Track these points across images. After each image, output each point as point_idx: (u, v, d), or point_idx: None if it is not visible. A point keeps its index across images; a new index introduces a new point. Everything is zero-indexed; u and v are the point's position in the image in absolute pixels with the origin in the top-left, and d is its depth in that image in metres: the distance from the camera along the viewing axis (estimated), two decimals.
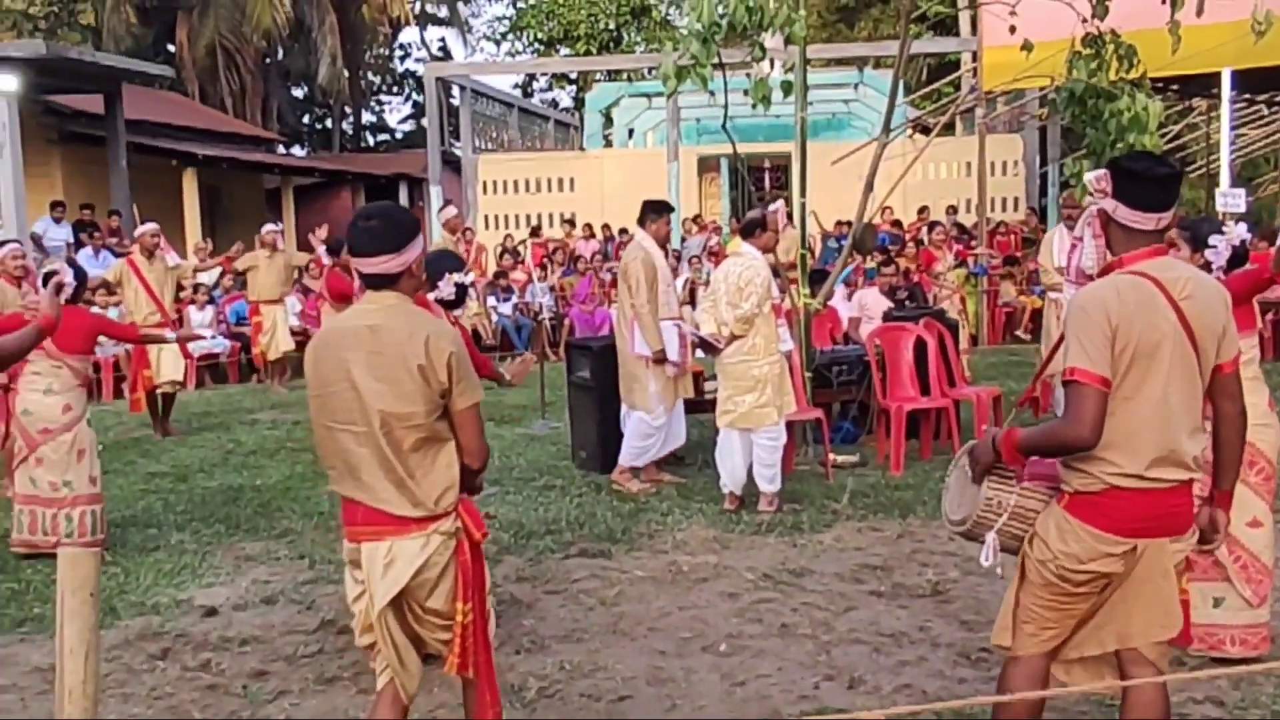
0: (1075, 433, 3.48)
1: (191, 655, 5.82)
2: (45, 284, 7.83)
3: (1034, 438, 3.70)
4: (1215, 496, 3.81)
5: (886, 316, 10.99)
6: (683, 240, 20.11)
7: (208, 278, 16.66)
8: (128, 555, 7.42)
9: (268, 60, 34.33)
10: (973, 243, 17.41)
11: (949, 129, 18.69)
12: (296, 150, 38.83)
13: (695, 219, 22.05)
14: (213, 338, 15.55)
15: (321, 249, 12.27)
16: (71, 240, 17.45)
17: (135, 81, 21.21)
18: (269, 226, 14.41)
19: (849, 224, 13.56)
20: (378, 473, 3.74)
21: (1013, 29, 9.24)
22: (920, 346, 9.53)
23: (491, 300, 17.37)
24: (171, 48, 32.97)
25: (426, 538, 3.75)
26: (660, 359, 8.54)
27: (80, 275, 7.93)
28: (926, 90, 21.13)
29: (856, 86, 24.98)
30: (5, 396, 8.82)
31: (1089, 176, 3.81)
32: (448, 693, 5.11)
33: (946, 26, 23.98)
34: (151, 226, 12.13)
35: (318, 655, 5.75)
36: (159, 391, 11.70)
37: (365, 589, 3.79)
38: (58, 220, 17.87)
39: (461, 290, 5.88)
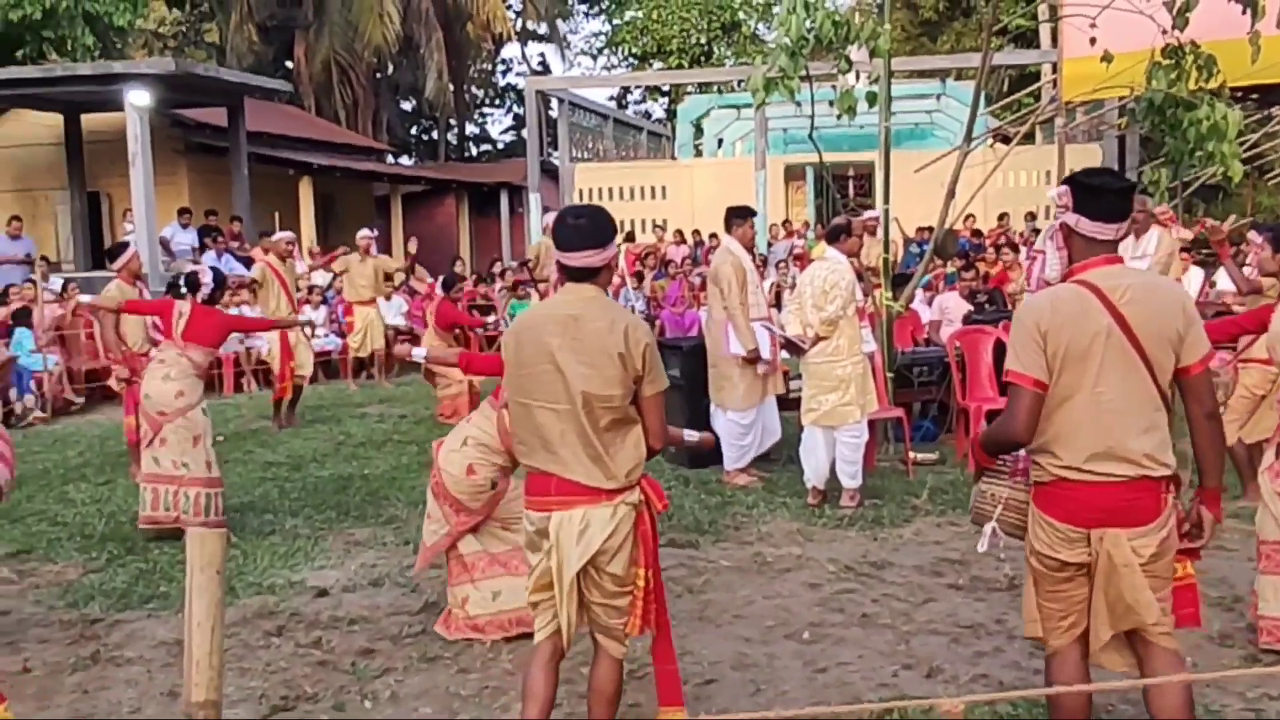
0: (1009, 429, 3.73)
1: (304, 633, 5.92)
2: (185, 284, 8.14)
3: (985, 434, 3.99)
4: (1201, 495, 3.84)
5: (966, 319, 10.86)
6: (769, 245, 20.04)
7: (321, 279, 16.96)
8: (246, 539, 7.55)
9: (378, 75, 34.78)
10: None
11: (1029, 138, 18.41)
12: (404, 160, 39.31)
13: (784, 224, 21.96)
14: (325, 335, 15.83)
15: (437, 283, 12.54)
16: (196, 244, 17.79)
17: (256, 96, 21.56)
18: (364, 232, 14.67)
19: (930, 230, 13.42)
20: (576, 447, 3.90)
21: (1093, 41, 9.06)
22: (999, 348, 9.40)
23: None
24: (290, 64, 33.51)
25: (615, 508, 3.93)
26: (754, 358, 8.52)
27: (219, 278, 8.21)
28: (1007, 101, 20.77)
29: (939, 97, 24.72)
30: (133, 389, 9.08)
31: (1050, 193, 3.96)
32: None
33: (1027, 39, 23.64)
34: (287, 235, 12.46)
35: (420, 635, 5.81)
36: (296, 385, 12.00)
37: (550, 554, 3.94)
38: (184, 225, 18.23)
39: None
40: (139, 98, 17.03)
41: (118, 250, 10.02)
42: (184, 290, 8.21)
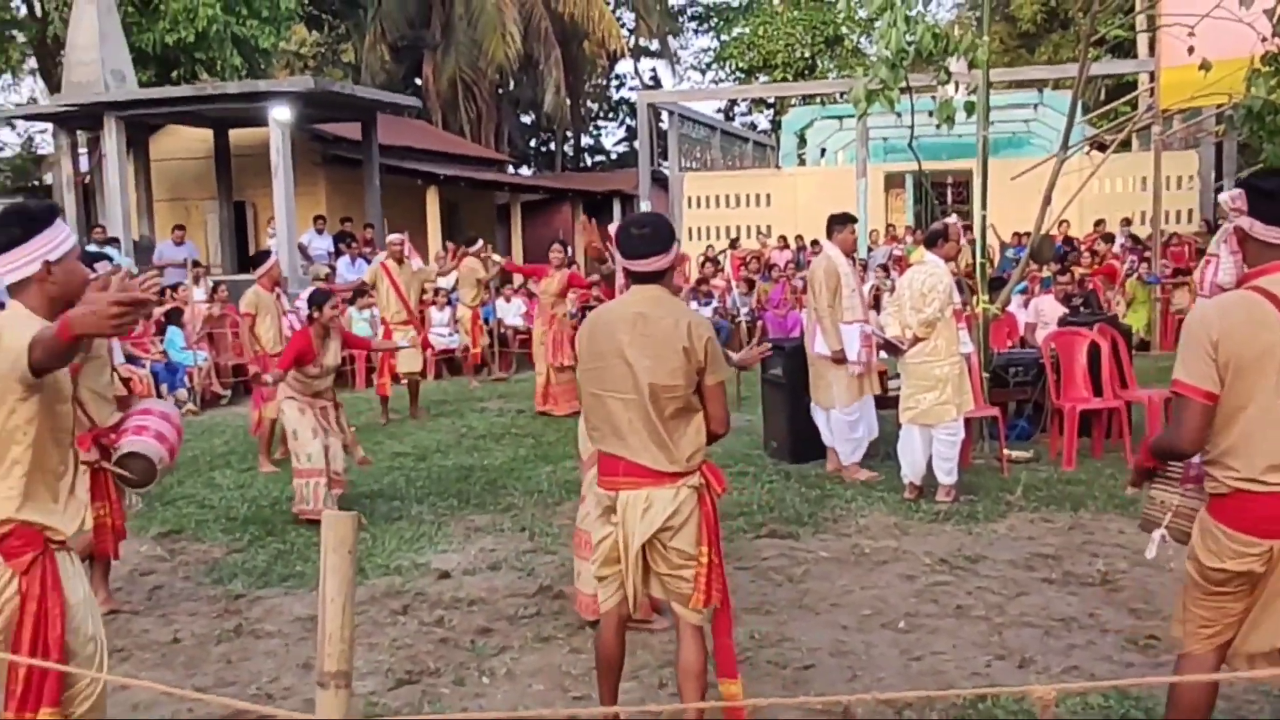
0: (1176, 441, 3.55)
1: (427, 612, 6.01)
2: (312, 303, 8.18)
3: (1153, 443, 3.79)
4: None
5: (1061, 322, 10.63)
6: (869, 250, 19.82)
7: (446, 282, 17.17)
8: (375, 524, 7.69)
9: (500, 91, 35.15)
10: (1146, 253, 16.68)
11: (1125, 145, 17.94)
12: (524, 170, 39.70)
13: (887, 229, 21.73)
14: (449, 335, 16.05)
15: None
16: (332, 249, 18.13)
17: (387, 111, 21.92)
18: (475, 245, 14.84)
19: (1027, 235, 13.16)
20: (643, 433, 4.03)
21: (1191, 49, 8.80)
22: (1094, 350, 9.20)
23: (694, 304, 17.43)
24: (419, 81, 34.03)
25: (677, 490, 4.03)
26: (839, 359, 8.45)
27: (317, 299, 8.20)
28: (1104, 109, 20.27)
29: (1036, 107, 24.21)
30: (258, 387, 9.32)
31: (1223, 197, 3.69)
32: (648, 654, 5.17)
33: (1124, 49, 23.00)
34: (398, 236, 12.62)
35: (535, 617, 5.87)
36: (403, 382, 12.20)
37: (617, 530, 4.09)
38: (320, 232, 18.61)
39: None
40: (281, 114, 17.43)
41: (260, 258, 10.32)
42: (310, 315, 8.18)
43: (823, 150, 27.91)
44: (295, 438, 7.95)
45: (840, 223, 8.72)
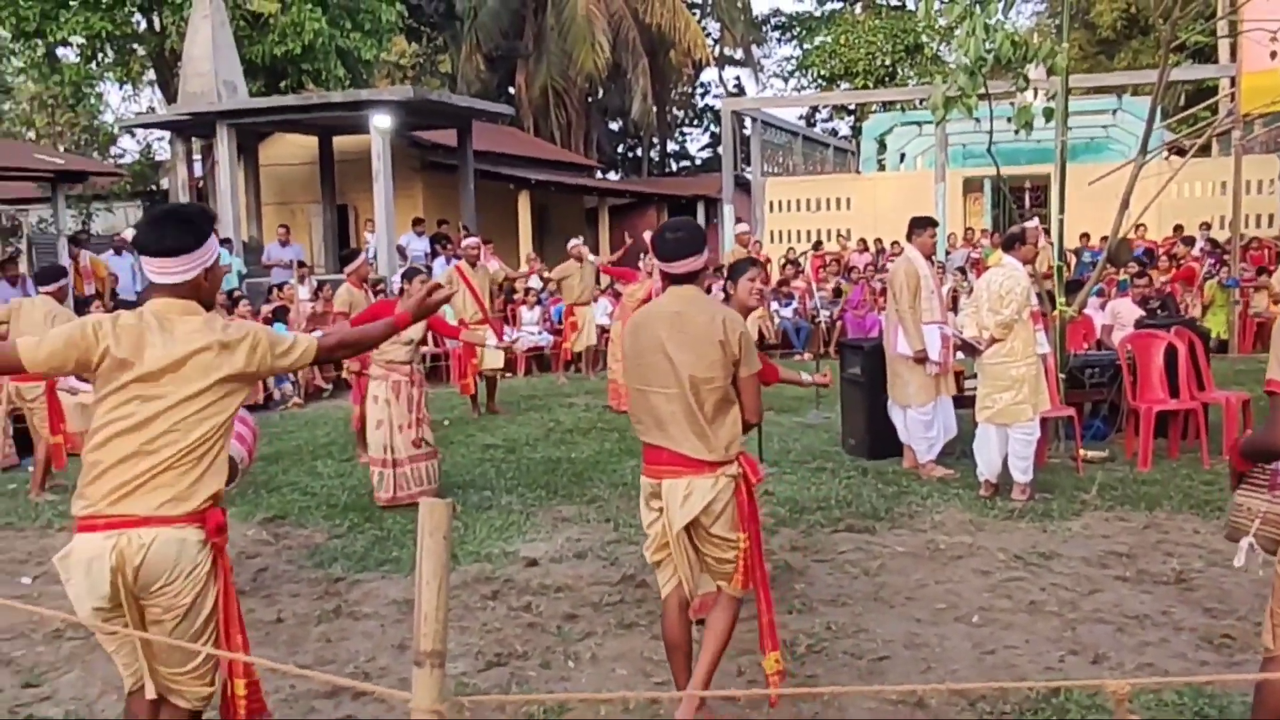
0: (1272, 439, 3.32)
1: (516, 598, 6.06)
2: (405, 277, 8.48)
3: (1246, 444, 3.55)
4: None
5: (1138, 324, 10.40)
6: (947, 253, 19.56)
7: (536, 282, 17.32)
8: (467, 512, 7.77)
9: (590, 99, 35.29)
10: (1225, 257, 16.25)
11: (1205, 150, 17.49)
12: (611, 175, 39.79)
13: (965, 233, 21.42)
14: (538, 333, 16.17)
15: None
16: (428, 250, 18.30)
17: (482, 118, 22.12)
18: (573, 241, 14.88)
19: (1104, 239, 12.89)
20: (684, 425, 4.15)
21: (1274, 54, 8.55)
22: (1170, 352, 8.98)
23: (775, 305, 17.36)
24: (512, 90, 34.30)
25: (716, 478, 4.15)
26: (921, 358, 8.37)
27: (407, 273, 8.52)
28: (1183, 115, 19.78)
29: (1115, 112, 23.68)
30: (359, 381, 9.45)
31: None
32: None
33: (1205, 54, 22.43)
34: (473, 240, 12.72)
35: (619, 604, 5.89)
36: (484, 377, 12.30)
37: (661, 516, 4.22)
38: (418, 234, 18.82)
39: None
40: (382, 121, 17.69)
41: (350, 257, 10.46)
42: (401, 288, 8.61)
43: (902, 155, 27.60)
44: (374, 429, 8.16)
45: (921, 226, 8.63)
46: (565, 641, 5.42)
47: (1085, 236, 18.80)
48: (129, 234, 6.82)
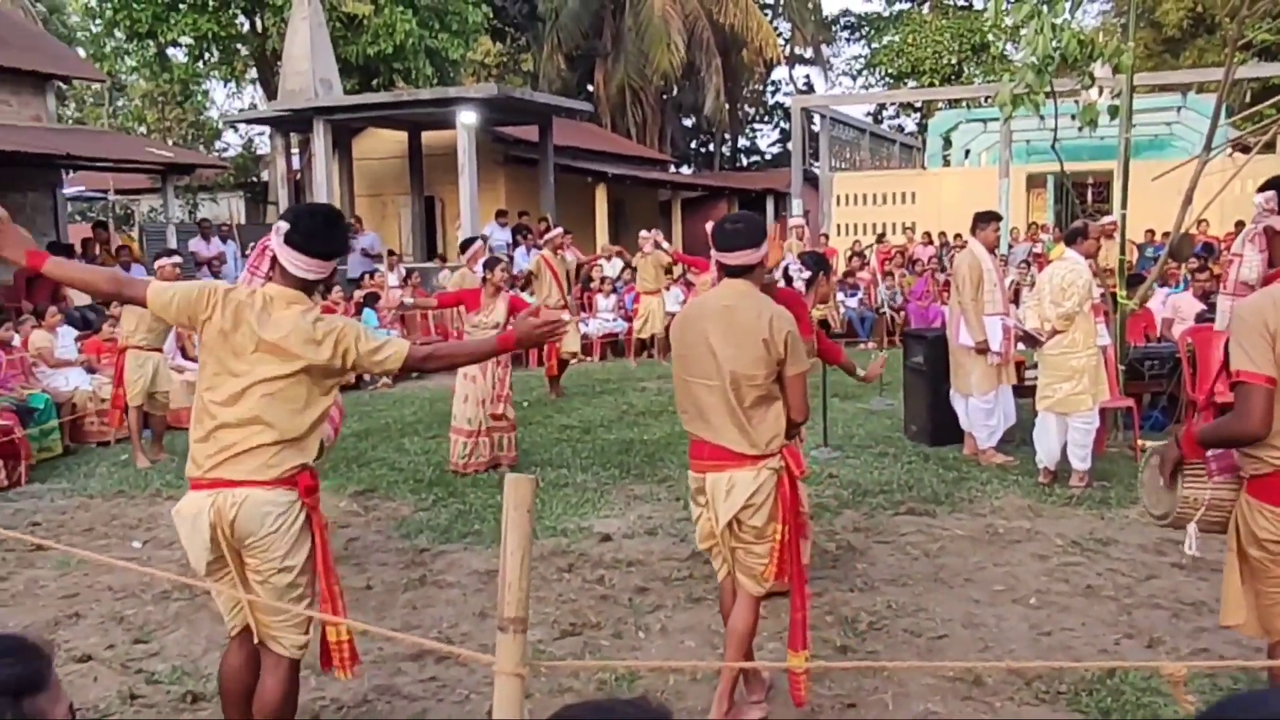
0: (1244, 427, 3.28)
1: (590, 571, 6.10)
2: (486, 267, 8.68)
3: (1208, 433, 3.48)
4: None
5: (1199, 318, 10.16)
6: (1009, 247, 19.25)
7: (611, 270, 17.37)
8: (544, 490, 7.80)
9: (665, 96, 35.22)
10: None
11: (1269, 147, 17.00)
12: (684, 169, 39.69)
13: (1028, 228, 21.08)
14: (613, 319, 16.22)
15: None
16: (510, 240, 18.47)
17: (562, 115, 22.18)
18: (644, 233, 14.90)
19: (1166, 235, 12.60)
20: (725, 418, 4.02)
21: None
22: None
23: (841, 295, 17.23)
24: (590, 87, 34.34)
25: (758, 471, 4.00)
26: (983, 349, 8.27)
27: (489, 262, 8.77)
28: (1248, 113, 19.23)
29: (1179, 110, 23.09)
30: None
31: (1258, 198, 3.57)
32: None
33: (1271, 53, 21.77)
34: (558, 231, 12.79)
35: (688, 579, 5.90)
36: (560, 359, 12.38)
37: (706, 510, 4.11)
38: (501, 225, 18.97)
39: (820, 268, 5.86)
40: (468, 118, 17.83)
41: (469, 244, 10.65)
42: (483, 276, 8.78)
43: (966, 152, 27.20)
44: (460, 402, 8.49)
45: (985, 220, 8.52)
46: (636, 613, 5.45)
47: (1150, 232, 18.40)
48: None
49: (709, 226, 5.11)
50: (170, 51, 23.98)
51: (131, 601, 5.76)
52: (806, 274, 5.70)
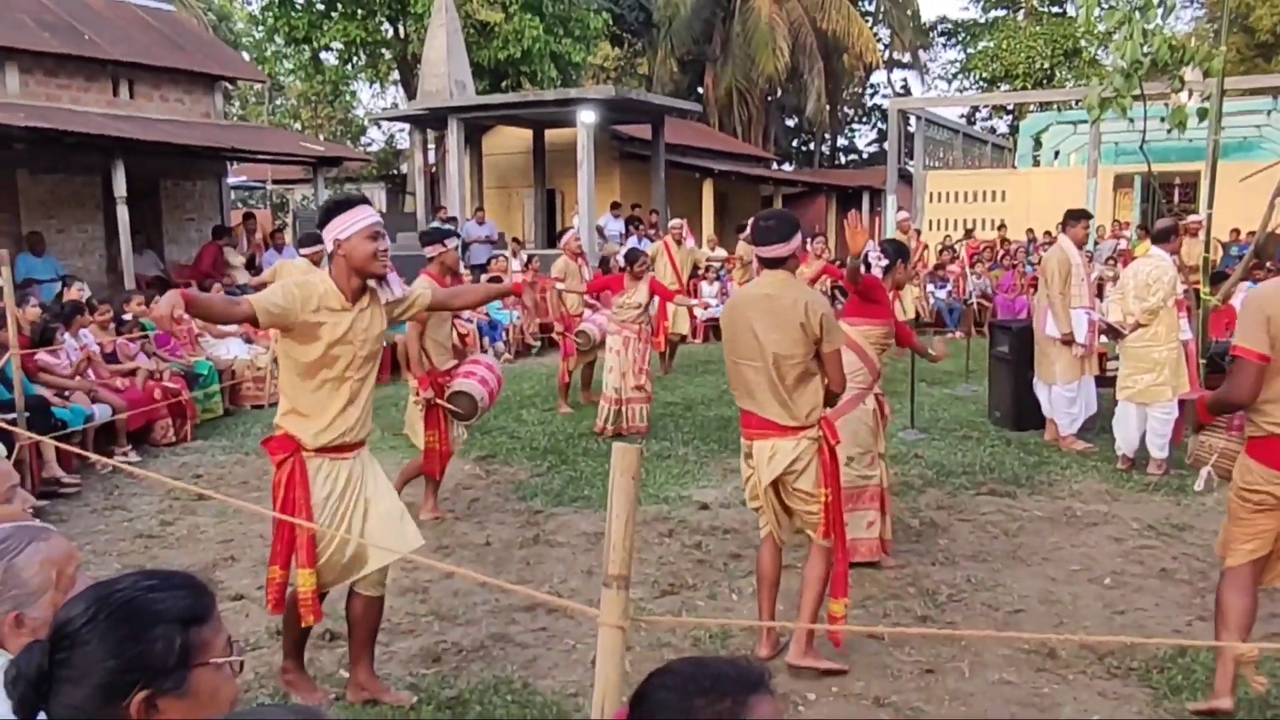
0: (1234, 395, 3.66)
1: (688, 536, 6.12)
2: (627, 259, 8.89)
3: (1212, 400, 3.89)
4: None
5: None
6: (1095, 243, 18.62)
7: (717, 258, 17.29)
8: (648, 460, 7.83)
9: (769, 98, 34.84)
10: None
11: None
12: (786, 166, 39.26)
13: (1113, 226, 20.36)
14: (716, 305, 16.15)
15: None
16: (623, 231, 18.53)
17: (673, 115, 22.12)
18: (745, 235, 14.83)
19: (1251, 234, 12.03)
20: (768, 394, 4.21)
21: None
22: None
23: (931, 286, 16.88)
24: (700, 89, 34.18)
25: (798, 440, 4.20)
26: (1068, 340, 8.02)
27: (631, 256, 9.09)
28: None
29: (1269, 113, 21.98)
30: (565, 341, 9.72)
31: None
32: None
33: None
34: (679, 221, 12.80)
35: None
36: (670, 340, 12.37)
37: (754, 472, 4.32)
38: (615, 216, 19.02)
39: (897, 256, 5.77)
40: (587, 117, 17.89)
41: (563, 233, 10.83)
42: (624, 266, 9.15)
43: (1056, 152, 26.34)
44: (607, 372, 8.86)
45: (1076, 218, 8.25)
46: (730, 577, 5.46)
47: (1235, 232, 17.62)
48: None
49: (749, 222, 5.18)
50: (323, 55, 24.57)
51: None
52: (885, 261, 5.62)
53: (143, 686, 1.42)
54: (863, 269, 5.30)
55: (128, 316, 9.38)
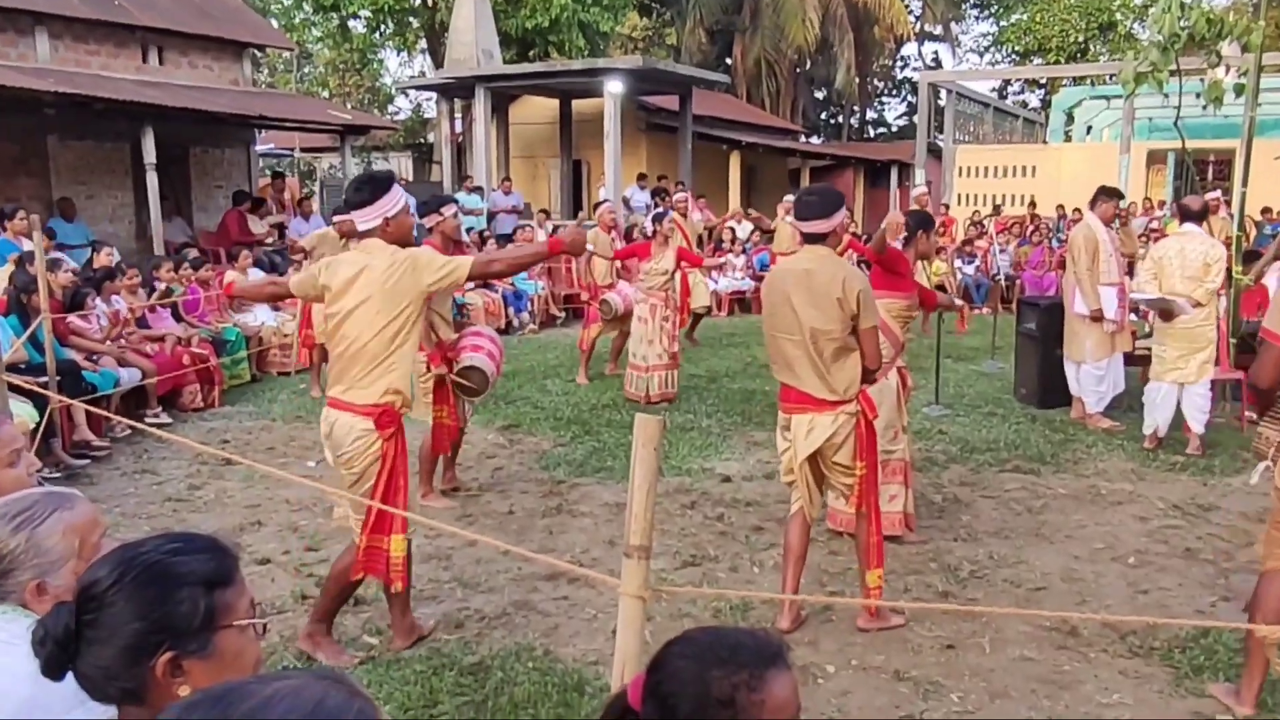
0: (1256, 376, 3.64)
1: (710, 509, 6.14)
2: (654, 220, 9.01)
3: (1248, 377, 3.94)
4: None
5: None
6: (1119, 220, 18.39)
7: (742, 231, 17.21)
8: (671, 432, 7.85)
9: (798, 70, 34.52)
10: None
11: None
12: (814, 139, 38.92)
13: (1144, 203, 20.10)
14: (740, 278, 16.11)
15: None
16: (649, 202, 18.42)
17: (701, 86, 21.94)
18: (788, 198, 14.73)
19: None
20: (807, 368, 4.25)
21: None
22: None
23: (958, 262, 16.75)
24: (728, 60, 33.90)
25: (836, 415, 4.26)
26: (1097, 317, 7.95)
27: (656, 217, 9.32)
28: None
29: None
30: (589, 310, 9.74)
31: None
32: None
33: None
34: (681, 195, 12.73)
35: None
36: (694, 313, 12.35)
37: (790, 446, 4.36)
38: (641, 188, 18.91)
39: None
40: (615, 87, 17.79)
41: (598, 205, 10.83)
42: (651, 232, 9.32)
43: (1089, 128, 26.01)
44: (635, 341, 8.99)
45: (1106, 196, 8.15)
46: (751, 549, 5.47)
47: (1267, 210, 17.37)
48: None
49: (789, 198, 5.21)
50: (351, 23, 24.52)
51: (305, 514, 6.02)
52: (903, 234, 5.59)
53: (168, 648, 1.44)
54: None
55: (160, 286, 9.44)
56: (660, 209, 15.94)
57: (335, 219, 9.47)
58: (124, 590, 1.45)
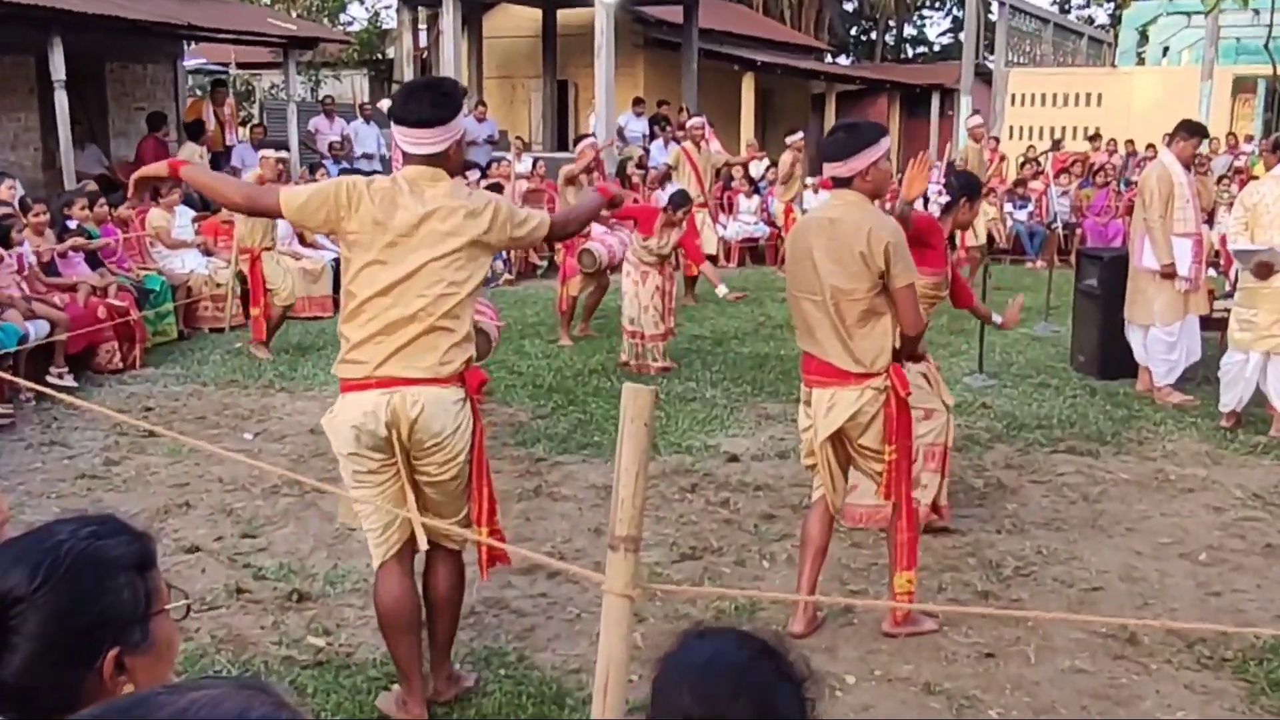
0: None
1: (714, 493, 6.16)
2: (671, 201, 8.99)
3: None
4: None
5: None
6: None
7: (755, 170, 17.16)
8: (670, 403, 7.87)
9: None
10: None
11: None
12: (842, 59, 38.69)
13: (1227, 138, 20.06)
14: (755, 224, 16.08)
15: None
16: (647, 132, 18.31)
17: None
18: (794, 136, 14.76)
19: None
20: (829, 334, 4.20)
21: None
22: None
23: (1009, 206, 16.73)
24: None
25: (861, 390, 4.19)
26: (1169, 273, 7.93)
27: (674, 198, 9.14)
28: None
29: None
30: (566, 262, 9.80)
31: None
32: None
33: None
34: (699, 120, 12.67)
35: None
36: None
37: (812, 423, 4.32)
38: (638, 115, 18.77)
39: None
40: None
41: (579, 139, 10.78)
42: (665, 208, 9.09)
43: (1165, 49, 25.89)
44: (627, 306, 9.03)
45: (1188, 132, 8.07)
46: (761, 541, 5.50)
47: None
48: (384, 104, 7.93)
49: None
50: None
51: (241, 494, 6.04)
52: (945, 198, 5.54)
53: (112, 643, 1.48)
54: (917, 207, 5.21)
55: (72, 224, 9.40)
56: (659, 149, 15.86)
57: (262, 155, 9.42)
58: (56, 588, 1.48)
